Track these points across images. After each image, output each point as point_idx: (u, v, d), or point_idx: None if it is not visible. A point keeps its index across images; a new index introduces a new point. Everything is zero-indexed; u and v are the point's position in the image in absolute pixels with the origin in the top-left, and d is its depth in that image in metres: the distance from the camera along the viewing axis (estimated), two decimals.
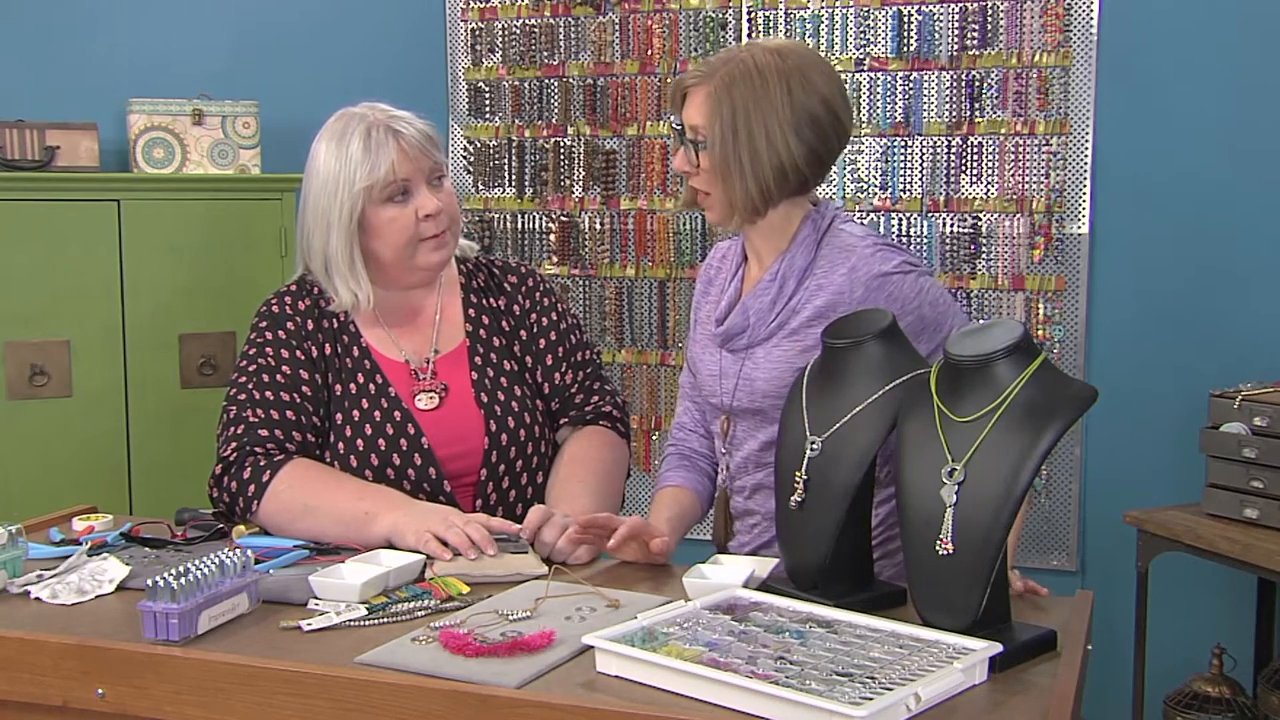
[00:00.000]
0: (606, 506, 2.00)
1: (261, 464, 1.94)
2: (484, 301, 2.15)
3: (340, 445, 2.00)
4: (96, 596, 1.65)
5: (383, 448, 1.98)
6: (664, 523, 1.94)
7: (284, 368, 2.01)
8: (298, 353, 2.03)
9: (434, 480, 1.99)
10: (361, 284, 2.02)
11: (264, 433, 1.96)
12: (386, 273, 2.06)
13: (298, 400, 2.00)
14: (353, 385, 2.03)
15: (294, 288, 2.10)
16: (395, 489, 1.96)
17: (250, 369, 2.02)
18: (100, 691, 1.45)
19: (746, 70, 1.86)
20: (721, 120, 1.86)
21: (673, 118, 1.95)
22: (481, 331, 2.12)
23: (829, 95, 1.88)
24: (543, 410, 2.12)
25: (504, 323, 2.14)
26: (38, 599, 1.63)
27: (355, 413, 2.01)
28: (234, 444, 1.96)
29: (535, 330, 2.15)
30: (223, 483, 1.96)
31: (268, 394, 1.99)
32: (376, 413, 2.00)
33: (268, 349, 2.03)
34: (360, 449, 1.99)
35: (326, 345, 2.05)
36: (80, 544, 1.84)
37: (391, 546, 1.80)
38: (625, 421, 2.19)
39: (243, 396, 2.00)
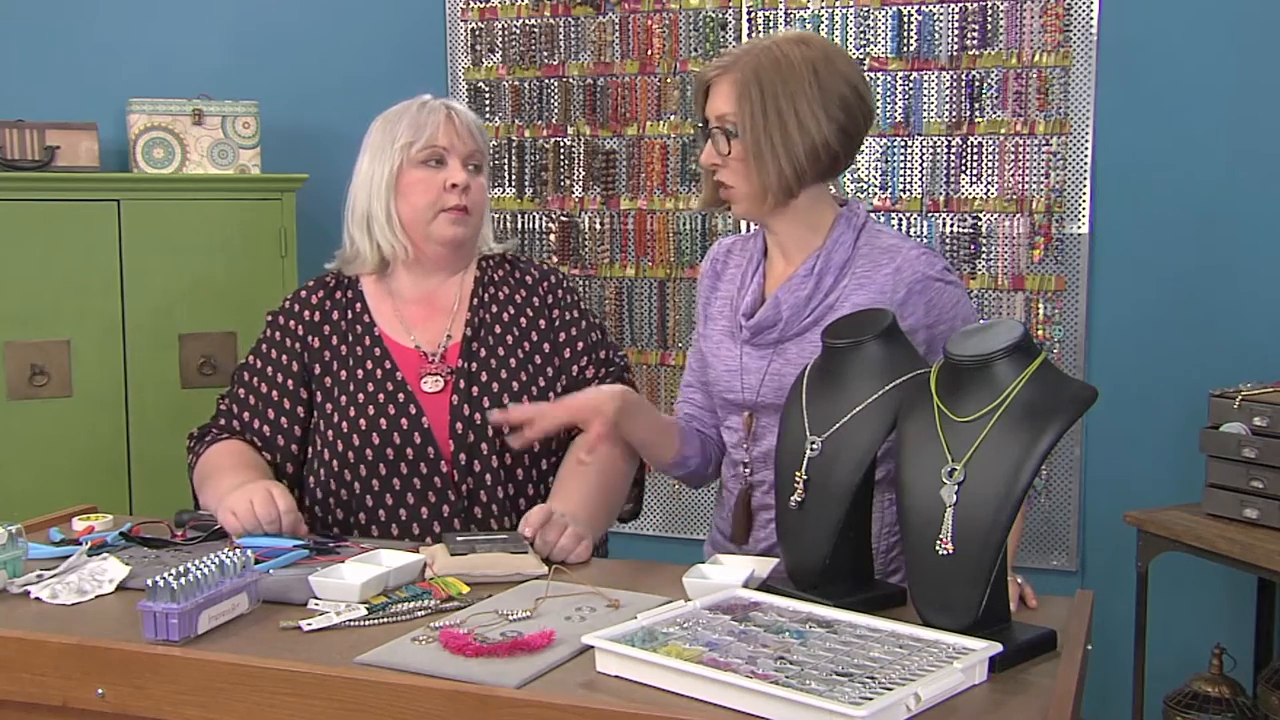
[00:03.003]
0: (606, 502, 2.02)
1: (215, 435, 2.15)
2: (499, 293, 2.17)
3: (344, 425, 2.05)
4: (96, 596, 1.65)
5: (384, 427, 2.03)
6: (650, 410, 2.01)
7: (276, 375, 2.14)
8: (291, 361, 2.13)
9: (431, 460, 2.02)
10: (398, 236, 2.11)
11: (224, 422, 2.17)
12: (408, 242, 2.14)
13: (271, 416, 2.13)
14: (360, 371, 2.09)
15: (312, 283, 2.21)
16: (394, 472, 2.03)
17: (248, 363, 2.19)
18: (100, 691, 1.45)
19: (772, 57, 1.88)
20: (752, 103, 1.87)
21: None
22: (486, 317, 2.14)
23: (853, 77, 1.91)
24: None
25: (521, 316, 2.15)
26: (38, 599, 1.63)
27: (360, 395, 2.06)
28: (213, 419, 2.19)
29: (557, 324, 2.16)
30: (190, 445, 2.18)
31: (250, 398, 2.15)
32: (380, 395, 2.05)
33: (268, 350, 2.16)
34: (363, 428, 2.03)
35: (334, 337, 2.13)
36: (80, 544, 1.84)
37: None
38: None
39: (239, 390, 2.18)
